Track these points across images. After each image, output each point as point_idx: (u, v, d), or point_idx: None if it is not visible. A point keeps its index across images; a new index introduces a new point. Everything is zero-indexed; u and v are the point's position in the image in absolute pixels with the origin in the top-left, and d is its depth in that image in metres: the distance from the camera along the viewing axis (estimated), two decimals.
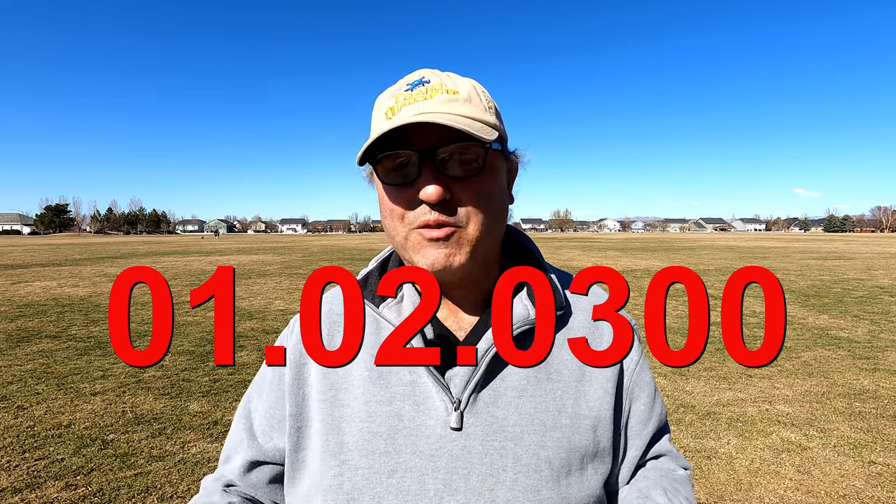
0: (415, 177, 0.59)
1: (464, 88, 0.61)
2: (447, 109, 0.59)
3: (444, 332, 0.66)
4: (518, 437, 0.61)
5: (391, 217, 0.62)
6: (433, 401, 0.61)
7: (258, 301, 9.18)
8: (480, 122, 0.60)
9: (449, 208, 0.59)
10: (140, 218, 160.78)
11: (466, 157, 0.59)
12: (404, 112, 0.59)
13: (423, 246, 0.60)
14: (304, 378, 0.68)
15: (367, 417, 0.62)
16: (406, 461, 0.60)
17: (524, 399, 0.63)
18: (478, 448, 0.60)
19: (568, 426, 0.63)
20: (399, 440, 0.60)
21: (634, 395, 0.70)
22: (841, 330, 6.68)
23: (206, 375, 4.73)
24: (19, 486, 2.75)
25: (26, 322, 7.21)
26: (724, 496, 2.73)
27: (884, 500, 2.69)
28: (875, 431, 3.51)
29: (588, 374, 0.66)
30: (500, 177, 0.65)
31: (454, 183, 0.59)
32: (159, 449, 3.21)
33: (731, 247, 31.98)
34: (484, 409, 0.61)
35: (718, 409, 3.92)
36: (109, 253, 26.00)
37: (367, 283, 0.70)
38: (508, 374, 0.63)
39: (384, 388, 0.63)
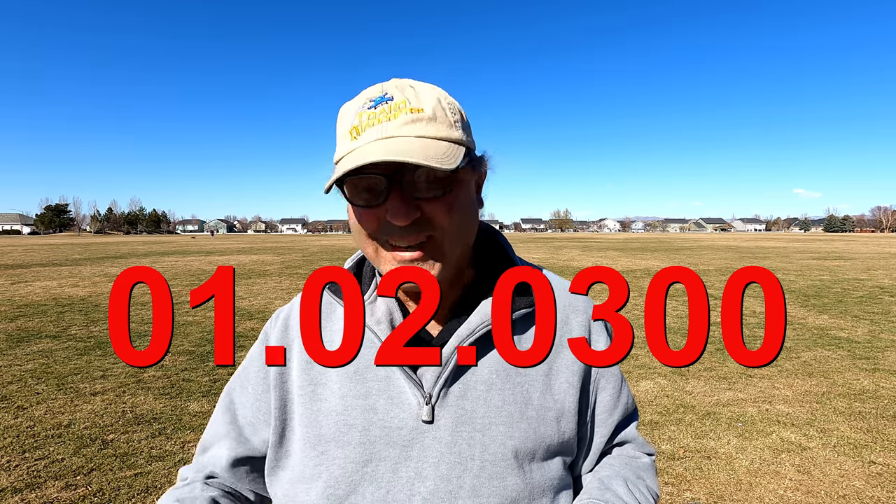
0: (383, 199, 0.59)
1: (428, 105, 0.61)
2: (410, 132, 0.58)
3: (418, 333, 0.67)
4: (486, 428, 0.64)
5: (359, 233, 0.64)
6: (406, 395, 0.65)
7: (258, 301, 9.18)
8: (447, 142, 0.60)
9: (418, 226, 0.60)
10: (140, 218, 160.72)
11: (434, 178, 0.59)
12: (368, 134, 0.59)
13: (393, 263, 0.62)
14: (287, 373, 0.71)
15: (343, 411, 0.65)
16: (380, 451, 0.63)
17: (493, 392, 0.65)
18: (447, 438, 0.63)
19: (534, 418, 0.66)
20: (373, 432, 0.64)
21: (601, 385, 0.73)
22: (841, 330, 6.68)
23: (206, 375, 4.73)
24: (19, 486, 2.75)
25: (26, 322, 7.21)
26: (724, 496, 2.73)
27: (884, 500, 2.69)
28: (875, 431, 3.51)
29: (555, 368, 0.69)
30: (469, 188, 0.66)
31: (423, 202, 0.60)
32: (159, 449, 3.21)
33: (731, 247, 31.98)
34: (454, 403, 0.64)
35: (718, 409, 3.92)
36: (109, 253, 25.99)
37: None
38: (478, 368, 0.66)
39: (360, 384, 0.66)
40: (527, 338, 0.69)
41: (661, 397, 4.20)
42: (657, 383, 4.56)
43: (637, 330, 2.84)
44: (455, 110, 0.64)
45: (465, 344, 0.65)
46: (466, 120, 0.66)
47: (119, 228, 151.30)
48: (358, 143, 0.59)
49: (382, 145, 0.57)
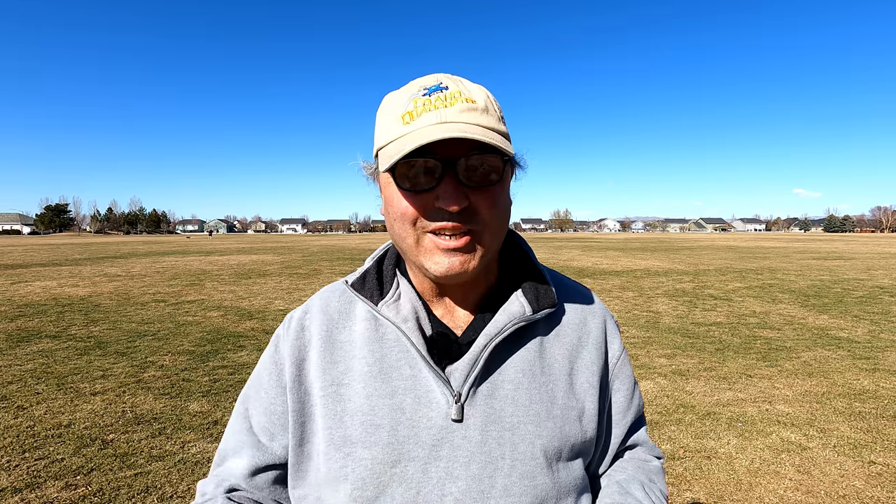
0: (435, 184, 0.59)
1: (480, 98, 0.62)
2: (468, 119, 0.59)
3: (442, 329, 0.68)
4: (515, 428, 0.64)
5: (402, 220, 0.62)
6: (434, 394, 0.64)
7: (258, 301, 9.17)
8: (498, 134, 0.61)
9: (465, 215, 0.60)
10: (140, 218, 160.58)
11: (485, 168, 0.60)
12: (424, 118, 0.59)
13: (436, 252, 0.61)
14: (305, 373, 0.69)
15: (370, 411, 0.64)
16: (409, 451, 0.62)
17: (520, 391, 0.66)
18: (477, 438, 0.63)
19: (559, 416, 0.67)
20: (401, 432, 0.63)
21: (615, 386, 0.75)
22: (841, 330, 6.68)
23: (206, 375, 4.73)
24: (19, 486, 2.75)
25: (26, 322, 7.20)
26: (724, 496, 2.73)
27: (884, 500, 2.69)
28: (875, 431, 3.50)
29: (576, 368, 0.70)
30: (509, 186, 0.67)
31: (471, 191, 0.60)
32: (159, 449, 3.21)
33: (732, 247, 31.97)
34: (483, 402, 0.64)
35: (718, 409, 3.92)
36: (109, 253, 25.98)
37: (364, 282, 0.71)
38: (505, 368, 0.66)
39: (385, 383, 0.65)
40: (550, 336, 0.70)
41: (661, 397, 4.20)
42: (657, 383, 4.56)
43: (637, 330, 2.88)
44: (499, 107, 0.65)
45: (495, 342, 0.65)
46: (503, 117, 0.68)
47: (119, 228, 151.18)
48: (412, 127, 0.59)
49: (444, 127, 0.57)
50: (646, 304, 8.84)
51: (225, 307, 8.51)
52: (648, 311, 8.05)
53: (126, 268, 16.32)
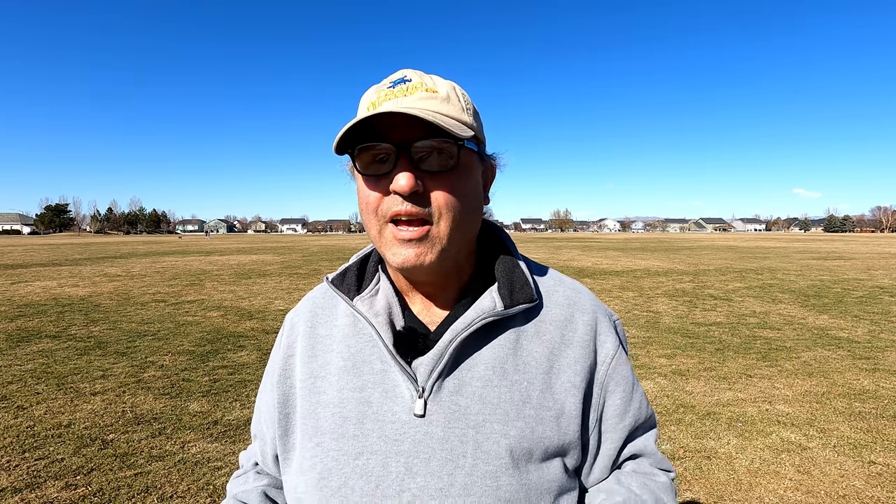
0: (390, 169, 0.60)
1: (443, 88, 0.63)
2: (425, 106, 0.60)
3: (414, 325, 0.68)
4: (480, 426, 0.62)
5: (367, 210, 0.63)
6: (400, 388, 0.64)
7: (258, 301, 9.17)
8: (456, 121, 0.61)
9: (421, 201, 0.60)
10: (140, 218, 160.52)
11: (440, 154, 0.61)
12: (384, 106, 0.60)
13: (395, 244, 0.62)
14: (291, 368, 0.73)
15: (340, 403, 0.66)
16: (372, 444, 0.63)
17: (489, 389, 0.64)
18: (439, 434, 0.62)
19: (532, 416, 0.64)
20: (367, 425, 0.64)
21: (609, 389, 0.70)
22: (841, 330, 6.68)
23: (206, 375, 4.72)
24: (19, 486, 2.75)
25: (26, 322, 7.20)
26: (724, 496, 2.73)
27: (884, 500, 2.69)
28: (875, 431, 3.50)
29: (557, 367, 0.67)
30: (474, 176, 0.66)
31: (427, 177, 0.60)
32: (159, 449, 3.21)
33: (731, 247, 31.96)
34: (447, 398, 0.63)
35: (718, 409, 3.92)
36: (109, 253, 25.98)
37: (344, 278, 0.73)
38: (475, 364, 0.65)
39: (357, 377, 0.66)
40: (527, 332, 0.68)
41: (661, 397, 4.20)
42: (657, 383, 4.56)
43: (637, 330, 2.88)
44: (467, 100, 0.66)
45: (461, 338, 0.64)
46: (476, 113, 0.68)
47: (119, 228, 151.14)
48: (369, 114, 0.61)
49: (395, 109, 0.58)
50: (646, 304, 8.84)
51: (225, 307, 8.51)
52: (648, 311, 8.05)
53: (126, 268, 16.32)
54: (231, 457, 3.12)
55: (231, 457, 3.12)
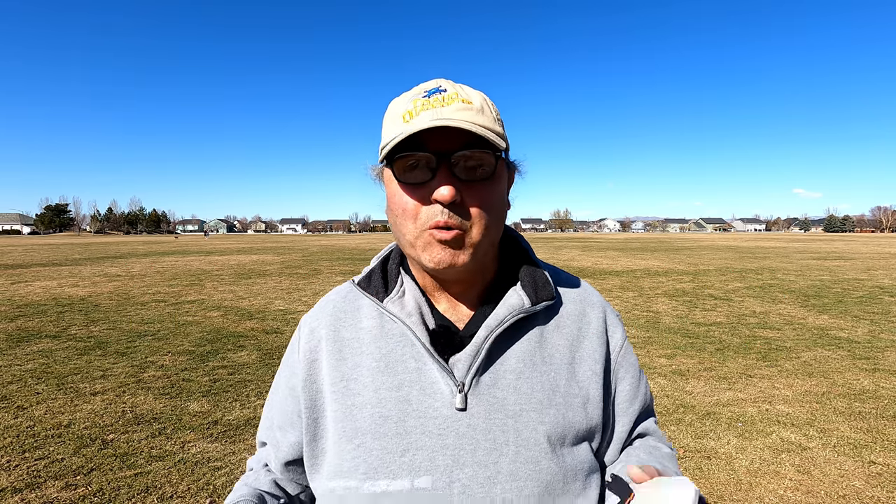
0: (429, 178, 0.63)
1: (476, 100, 0.65)
2: (463, 117, 0.62)
3: (445, 323, 0.71)
4: (517, 415, 0.66)
5: (403, 216, 0.65)
6: (439, 385, 0.67)
7: (258, 301, 9.17)
8: (491, 132, 0.63)
9: (458, 210, 0.63)
10: (140, 218, 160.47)
11: (477, 164, 0.63)
12: (423, 116, 0.62)
13: (432, 246, 0.64)
14: (317, 372, 0.73)
15: (378, 403, 0.67)
16: (416, 441, 0.65)
17: (521, 380, 0.68)
18: (482, 426, 0.65)
19: (562, 404, 0.69)
20: (409, 422, 0.66)
21: (620, 375, 0.76)
22: (841, 330, 6.68)
23: (206, 375, 4.72)
24: (19, 486, 2.75)
25: (26, 322, 7.20)
26: (724, 496, 2.73)
27: (884, 500, 2.69)
28: (875, 431, 3.50)
29: (578, 357, 0.73)
30: (503, 184, 0.69)
31: (464, 186, 0.63)
32: (159, 449, 3.21)
33: (731, 247, 31.97)
34: (486, 391, 0.67)
35: (718, 409, 3.92)
36: (109, 253, 25.98)
37: (370, 281, 0.75)
38: (507, 358, 0.69)
39: (392, 376, 0.68)
40: (549, 326, 0.73)
41: (661, 397, 4.20)
42: (657, 383, 4.56)
43: (637, 329, 2.88)
44: (496, 110, 0.69)
45: (496, 334, 0.68)
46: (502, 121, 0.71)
47: (119, 228, 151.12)
48: (410, 126, 0.62)
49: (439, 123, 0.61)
50: (646, 304, 8.84)
51: (225, 307, 8.51)
52: (648, 311, 8.05)
53: (126, 268, 16.32)
54: (231, 457, 3.12)
55: (231, 457, 3.12)
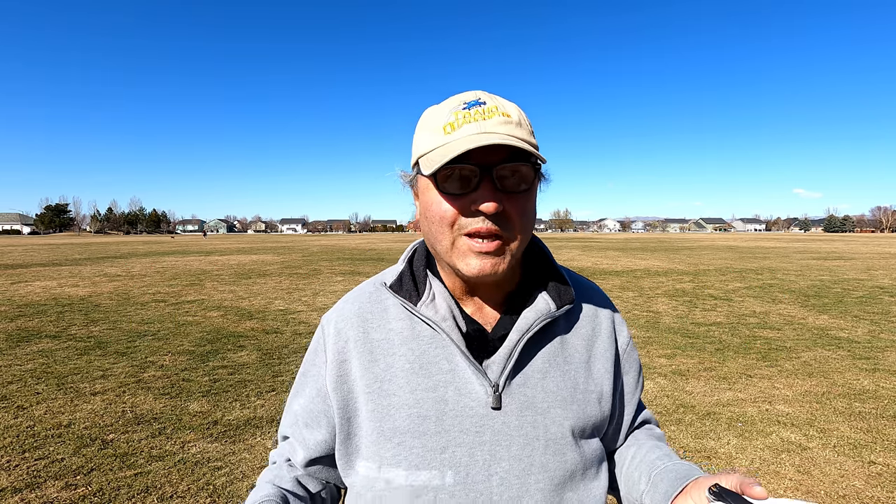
0: (472, 188, 0.65)
1: (514, 113, 0.68)
2: (504, 131, 0.65)
3: (476, 326, 0.74)
4: (545, 412, 0.72)
5: (440, 223, 0.68)
6: (473, 386, 0.71)
7: (258, 301, 9.17)
8: (531, 146, 0.66)
9: (499, 219, 0.66)
10: (140, 218, 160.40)
11: (518, 177, 0.66)
12: (465, 129, 0.66)
13: (469, 254, 0.67)
14: (347, 373, 0.75)
15: (415, 404, 0.71)
16: (455, 438, 0.69)
17: (547, 380, 0.74)
18: (515, 423, 0.71)
19: (582, 400, 0.75)
20: (447, 421, 0.70)
21: (625, 369, 0.83)
22: (841, 330, 6.68)
23: (206, 375, 4.73)
24: (19, 486, 2.75)
25: (26, 322, 7.20)
26: None
27: (884, 500, 2.69)
28: (875, 431, 3.50)
29: (593, 356, 0.79)
30: (536, 194, 0.73)
31: (505, 197, 0.66)
32: (159, 449, 3.21)
33: (732, 247, 31.97)
34: (517, 391, 0.72)
35: (718, 409, 3.92)
36: (109, 253, 25.98)
37: (402, 284, 0.77)
38: (534, 359, 0.74)
39: (427, 378, 0.72)
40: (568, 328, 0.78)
41: (661, 397, 4.20)
42: (657, 383, 4.56)
43: (637, 330, 2.87)
44: (530, 123, 0.72)
45: (527, 337, 0.72)
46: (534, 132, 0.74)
47: (119, 228, 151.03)
48: (454, 137, 0.66)
49: (486, 138, 0.63)
50: (646, 304, 8.84)
51: (225, 307, 8.51)
52: (648, 311, 8.05)
53: (126, 268, 16.32)
54: (231, 457, 3.12)
55: (231, 457, 3.12)
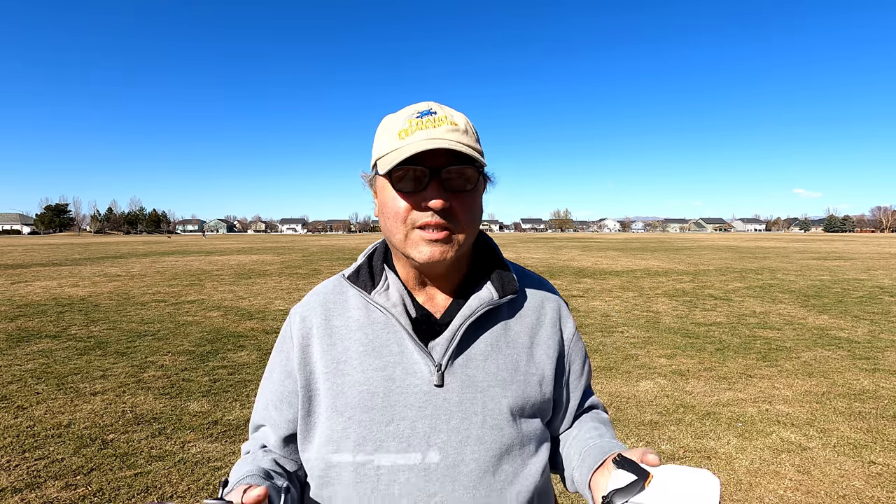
0: (423, 187, 0.74)
1: (461, 122, 0.77)
2: (451, 137, 0.74)
3: (424, 313, 0.83)
4: (485, 390, 0.79)
5: (395, 217, 0.76)
6: (419, 366, 0.79)
7: (258, 301, 9.17)
8: (475, 150, 0.75)
9: (445, 214, 0.75)
10: (140, 218, 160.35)
11: (464, 177, 0.76)
12: (416, 135, 0.74)
13: (421, 243, 0.76)
14: (310, 356, 0.83)
15: (366, 381, 0.79)
16: (400, 412, 0.77)
17: (489, 361, 0.81)
18: (455, 399, 0.78)
19: (521, 381, 0.82)
20: (393, 397, 0.78)
21: (571, 358, 0.91)
22: (841, 330, 6.68)
23: (206, 375, 4.73)
24: (19, 486, 2.75)
25: (26, 322, 7.20)
26: (724, 496, 2.73)
27: (884, 500, 2.69)
28: (875, 431, 3.51)
29: (536, 342, 0.86)
30: (481, 192, 0.82)
31: (452, 196, 0.75)
32: (159, 449, 3.21)
33: (732, 247, 31.98)
34: (459, 370, 0.80)
35: (718, 409, 3.92)
36: (109, 253, 25.99)
37: (358, 276, 0.86)
38: (477, 342, 0.82)
39: (378, 359, 0.80)
40: (513, 316, 0.86)
41: (661, 397, 4.20)
42: (657, 383, 4.56)
43: (637, 329, 2.88)
44: (475, 130, 0.81)
45: (468, 322, 0.80)
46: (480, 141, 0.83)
47: (119, 228, 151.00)
48: (406, 142, 0.74)
49: (435, 143, 0.72)
50: (646, 304, 8.85)
51: (225, 307, 8.51)
52: (648, 311, 8.06)
53: (126, 268, 16.33)
54: (231, 457, 3.12)
55: (231, 457, 3.12)
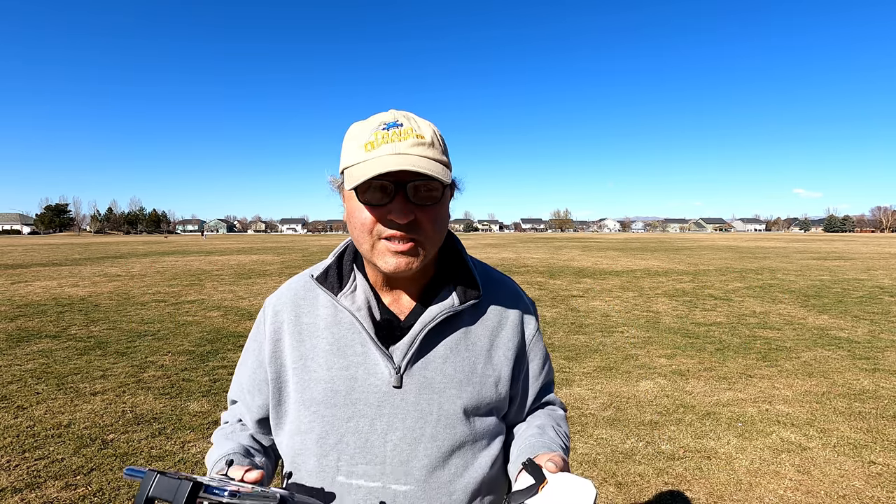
0: (388, 201, 0.75)
1: (428, 134, 0.78)
2: (416, 152, 0.75)
3: (389, 316, 0.86)
4: (441, 391, 0.83)
5: (361, 229, 0.78)
6: (380, 367, 0.83)
7: (258, 301, 9.17)
8: (441, 164, 0.77)
9: (411, 227, 0.76)
10: (140, 218, 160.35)
11: (428, 191, 0.77)
12: (382, 149, 0.75)
13: (387, 254, 0.78)
14: (280, 350, 0.88)
15: (330, 380, 0.83)
16: (360, 410, 0.82)
17: (447, 364, 0.84)
18: (412, 400, 0.82)
19: (478, 383, 0.86)
20: (355, 395, 0.82)
21: (531, 357, 0.95)
22: (841, 330, 6.68)
23: (206, 375, 4.73)
24: (19, 486, 2.75)
25: (26, 322, 7.21)
26: (724, 496, 2.73)
27: (884, 500, 2.69)
28: (875, 431, 3.51)
29: (496, 345, 0.89)
30: (447, 203, 0.83)
31: (417, 209, 0.76)
32: (159, 449, 3.21)
33: (732, 247, 31.98)
34: (417, 372, 0.83)
35: (718, 409, 3.92)
36: (109, 253, 25.99)
37: (327, 276, 0.88)
38: (437, 347, 0.85)
39: (342, 358, 0.84)
40: (475, 320, 0.89)
41: (661, 397, 4.20)
42: (657, 383, 4.56)
43: (637, 329, 2.88)
44: (443, 142, 0.82)
45: (428, 328, 0.83)
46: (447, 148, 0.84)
47: (119, 228, 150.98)
48: (372, 155, 0.75)
49: (398, 159, 0.73)
50: (646, 304, 8.85)
51: (225, 307, 8.51)
52: (648, 311, 8.06)
53: (126, 268, 16.33)
54: None
55: None
